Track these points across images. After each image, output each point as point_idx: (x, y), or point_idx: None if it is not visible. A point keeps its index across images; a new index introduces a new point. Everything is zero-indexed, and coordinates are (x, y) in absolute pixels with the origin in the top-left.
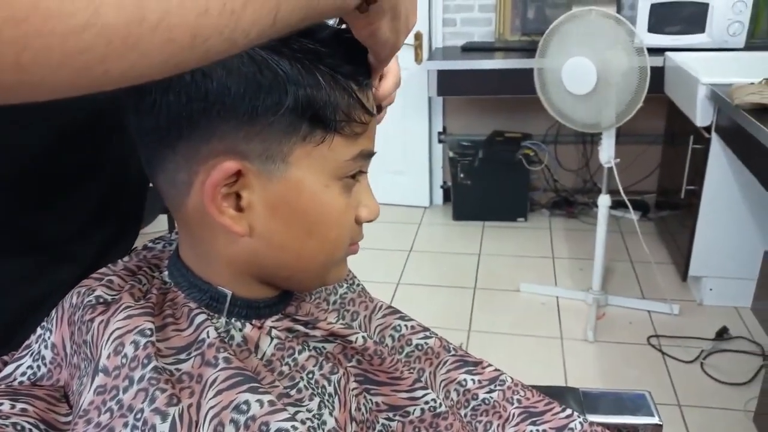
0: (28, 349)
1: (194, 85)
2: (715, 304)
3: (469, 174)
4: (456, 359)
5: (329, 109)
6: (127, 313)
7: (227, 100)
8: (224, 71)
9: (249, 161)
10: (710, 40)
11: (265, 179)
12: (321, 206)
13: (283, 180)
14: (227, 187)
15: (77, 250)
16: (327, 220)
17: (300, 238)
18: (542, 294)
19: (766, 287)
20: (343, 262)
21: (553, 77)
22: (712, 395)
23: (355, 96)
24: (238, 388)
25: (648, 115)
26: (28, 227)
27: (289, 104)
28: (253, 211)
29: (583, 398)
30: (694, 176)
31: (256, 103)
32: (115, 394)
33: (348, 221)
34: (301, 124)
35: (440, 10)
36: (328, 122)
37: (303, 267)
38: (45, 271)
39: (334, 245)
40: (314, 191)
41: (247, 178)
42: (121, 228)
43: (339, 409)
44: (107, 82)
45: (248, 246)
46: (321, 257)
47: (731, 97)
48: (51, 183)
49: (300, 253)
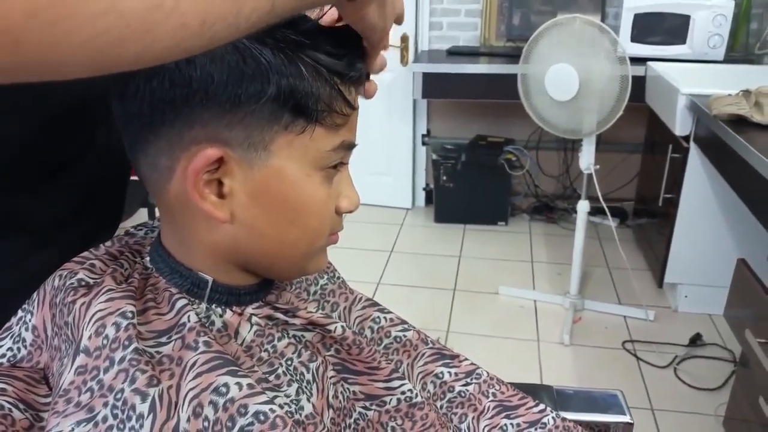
0: (8, 331)
1: (178, 72)
2: (690, 311)
3: (451, 177)
4: (434, 352)
5: (311, 100)
6: (109, 296)
7: (210, 88)
8: (207, 59)
9: (231, 149)
10: (691, 51)
11: (246, 167)
12: (302, 195)
13: (264, 168)
14: (209, 173)
15: (60, 237)
16: (308, 209)
17: (281, 226)
18: (520, 297)
19: (738, 295)
20: (324, 252)
21: (537, 83)
22: (685, 400)
23: (336, 88)
24: (218, 371)
25: (628, 123)
26: (12, 211)
27: (272, 93)
28: (235, 198)
29: (556, 396)
30: (672, 185)
31: (239, 90)
32: (96, 374)
33: (328, 211)
34: (283, 113)
35: (427, 14)
36: (310, 112)
37: (284, 255)
38: (28, 255)
39: (315, 234)
40: (295, 180)
41: (229, 166)
42: (102, 218)
43: (317, 395)
44: (122, 63)
45: (229, 233)
46: (302, 246)
47: (710, 108)
48: (37, 170)
49: (281, 241)
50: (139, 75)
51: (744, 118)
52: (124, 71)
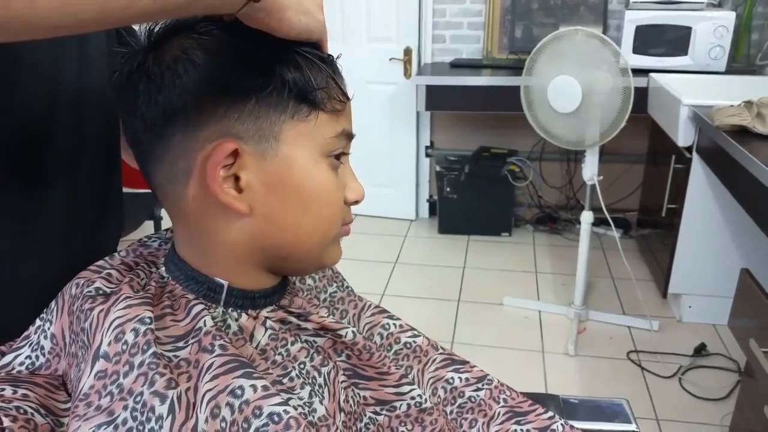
0: (26, 339)
1: (186, 77)
2: (694, 321)
3: (455, 188)
4: (444, 358)
5: (311, 86)
6: (128, 303)
7: (218, 87)
8: (210, 60)
9: (244, 141)
10: (693, 62)
11: (259, 158)
12: (312, 181)
13: (276, 158)
14: (225, 169)
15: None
16: (319, 197)
17: (296, 215)
18: (525, 308)
19: (742, 305)
20: (337, 244)
21: (539, 95)
22: (690, 410)
23: (331, 76)
24: (234, 373)
25: (631, 134)
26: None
27: (276, 84)
28: (252, 191)
29: (563, 405)
30: (675, 195)
31: (246, 85)
32: (116, 378)
33: (338, 199)
34: (288, 101)
35: (430, 27)
36: (312, 98)
37: (300, 245)
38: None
39: (328, 223)
40: (305, 166)
41: (244, 159)
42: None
43: (329, 399)
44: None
45: (247, 228)
46: (317, 236)
47: (712, 119)
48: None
49: (297, 230)
50: (148, 87)
51: (746, 129)
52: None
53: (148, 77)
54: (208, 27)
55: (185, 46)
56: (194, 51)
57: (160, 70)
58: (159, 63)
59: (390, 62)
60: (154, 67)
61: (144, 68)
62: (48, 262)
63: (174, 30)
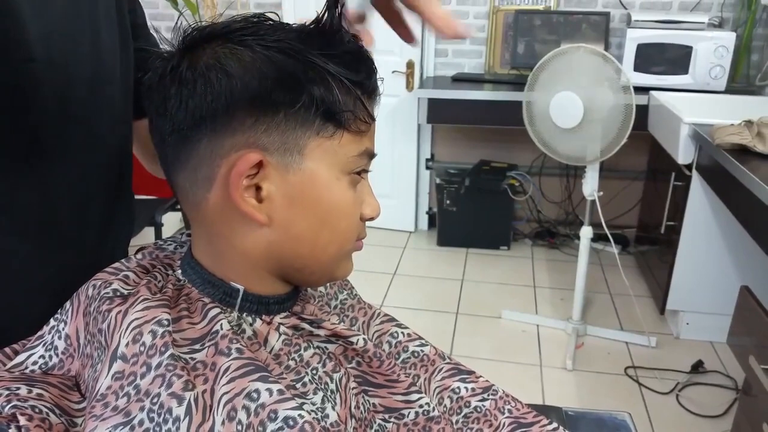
0: (40, 339)
1: (219, 85)
2: (692, 338)
3: (454, 201)
4: (451, 367)
5: (338, 106)
6: (146, 305)
7: (249, 98)
8: (245, 71)
9: (269, 153)
10: (693, 81)
11: (283, 170)
12: (333, 196)
13: (299, 171)
14: (248, 179)
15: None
16: (338, 211)
17: (314, 228)
18: (523, 321)
19: (742, 322)
20: (350, 258)
21: (541, 110)
22: (687, 426)
23: (359, 97)
24: (250, 376)
25: (631, 151)
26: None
27: (305, 100)
28: (273, 202)
29: (565, 417)
30: (674, 212)
31: (276, 99)
32: (133, 379)
33: (355, 214)
34: (315, 119)
35: (432, 41)
36: (338, 118)
37: (316, 257)
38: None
39: (344, 237)
40: (326, 182)
41: (267, 170)
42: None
43: (340, 405)
44: None
45: (265, 237)
46: (332, 249)
47: (712, 137)
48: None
49: (314, 243)
50: (180, 90)
51: (746, 148)
52: None
53: (180, 81)
54: (242, 36)
55: (219, 55)
56: (228, 60)
57: (193, 76)
58: (192, 69)
59: (393, 75)
60: (187, 72)
61: (177, 72)
62: (57, 264)
63: (209, 36)
